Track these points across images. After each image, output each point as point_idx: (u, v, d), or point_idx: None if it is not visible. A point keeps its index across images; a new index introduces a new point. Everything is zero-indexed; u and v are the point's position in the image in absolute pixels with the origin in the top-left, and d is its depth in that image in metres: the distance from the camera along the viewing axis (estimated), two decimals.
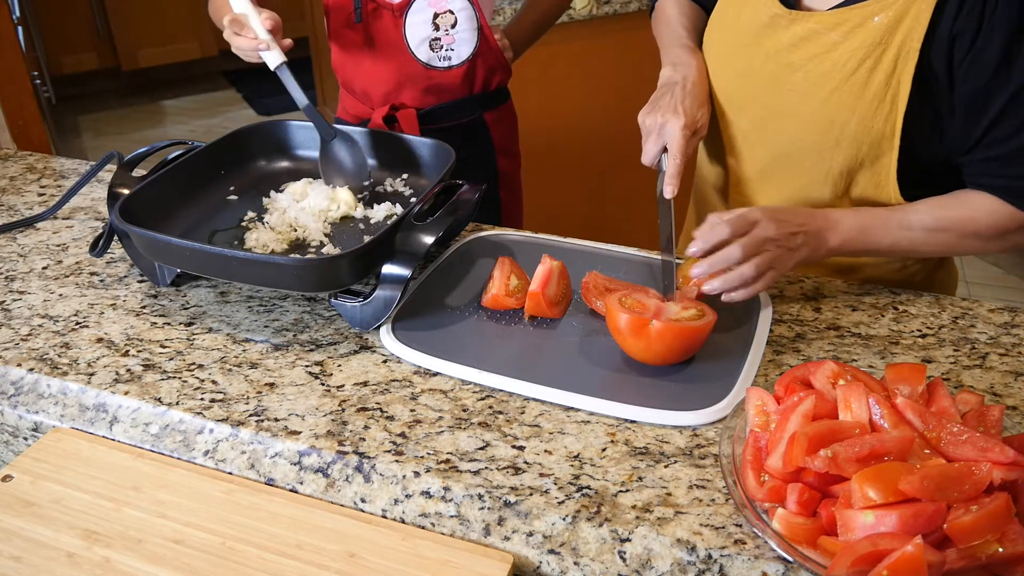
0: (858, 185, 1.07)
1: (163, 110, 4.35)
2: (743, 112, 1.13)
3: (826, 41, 1.02)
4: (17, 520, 0.82)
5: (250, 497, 0.85)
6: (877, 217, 1.03)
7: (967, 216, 1.02)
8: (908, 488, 0.69)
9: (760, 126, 1.12)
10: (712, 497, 0.80)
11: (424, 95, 1.46)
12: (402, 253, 1.02)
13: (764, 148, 1.13)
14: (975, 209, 1.02)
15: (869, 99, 1.00)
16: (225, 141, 1.26)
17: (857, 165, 1.04)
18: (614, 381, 0.95)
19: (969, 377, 0.96)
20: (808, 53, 1.04)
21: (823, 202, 1.10)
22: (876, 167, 1.04)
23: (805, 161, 1.08)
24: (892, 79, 0.99)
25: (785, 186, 1.12)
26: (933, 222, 1.02)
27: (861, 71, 1.00)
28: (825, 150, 1.05)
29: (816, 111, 1.04)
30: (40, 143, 1.86)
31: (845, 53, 1.00)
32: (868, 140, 1.02)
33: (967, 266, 3.04)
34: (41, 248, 1.24)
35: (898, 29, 0.97)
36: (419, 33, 1.41)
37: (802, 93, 1.05)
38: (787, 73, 1.06)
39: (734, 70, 1.13)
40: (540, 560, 0.78)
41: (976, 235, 1.02)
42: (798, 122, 1.06)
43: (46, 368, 0.98)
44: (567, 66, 2.30)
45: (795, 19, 1.05)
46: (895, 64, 0.98)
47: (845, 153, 1.04)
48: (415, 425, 0.89)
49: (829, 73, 1.02)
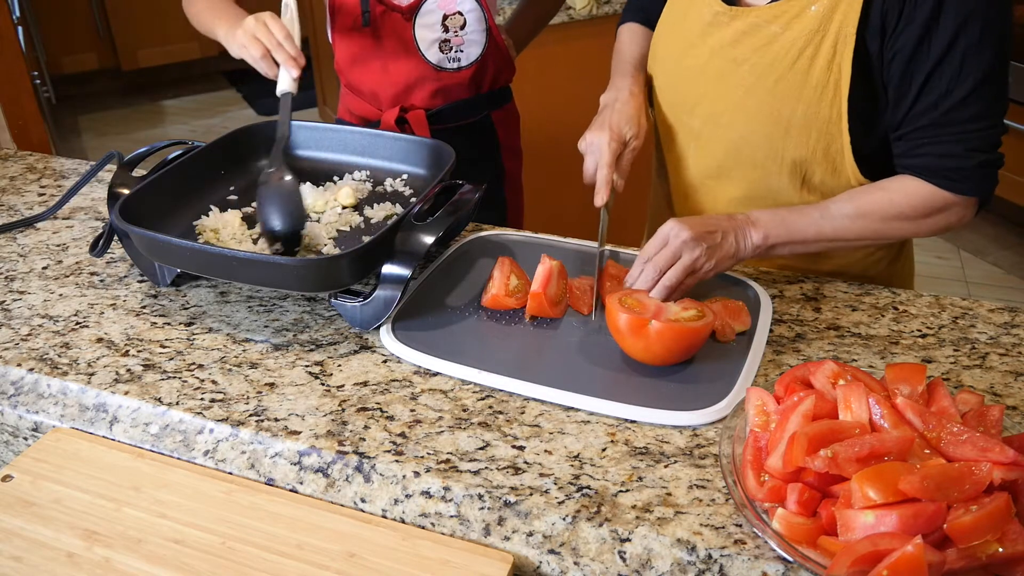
0: (815, 174, 1.09)
1: (163, 110, 4.35)
2: (694, 112, 1.16)
3: (767, 34, 1.05)
4: (17, 520, 0.82)
5: (250, 497, 0.85)
6: (796, 210, 1.06)
7: (886, 199, 1.04)
8: (908, 488, 0.69)
9: (711, 123, 1.14)
10: (712, 497, 0.80)
11: (433, 96, 1.46)
12: (402, 253, 1.02)
13: (718, 144, 1.15)
14: (894, 192, 1.04)
15: (813, 86, 1.03)
16: (225, 141, 1.26)
17: (810, 153, 1.07)
18: (614, 381, 0.95)
19: (969, 377, 0.96)
20: (751, 47, 1.07)
21: (785, 194, 1.12)
22: (830, 153, 1.06)
23: (758, 154, 1.10)
24: (833, 65, 1.01)
25: (743, 180, 1.15)
26: (853, 209, 1.04)
27: (802, 60, 1.03)
28: (776, 139, 1.08)
29: (763, 102, 1.07)
30: (40, 143, 1.86)
31: (786, 44, 1.03)
32: (817, 126, 1.05)
33: (967, 266, 3.04)
34: (41, 248, 1.24)
35: (834, 16, 1.00)
36: (429, 35, 1.42)
37: (748, 86, 1.08)
38: (732, 67, 1.09)
39: (683, 70, 1.16)
40: (540, 560, 0.78)
41: (899, 217, 1.04)
42: (747, 115, 1.09)
43: (46, 368, 0.98)
44: (567, 66, 2.30)
45: (736, 15, 1.08)
46: (834, 50, 1.01)
47: (796, 141, 1.06)
48: (415, 425, 0.89)
49: (772, 65, 1.05)
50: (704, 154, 1.18)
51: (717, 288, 1.10)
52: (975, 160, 1.00)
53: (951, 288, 2.90)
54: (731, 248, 1.02)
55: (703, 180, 1.20)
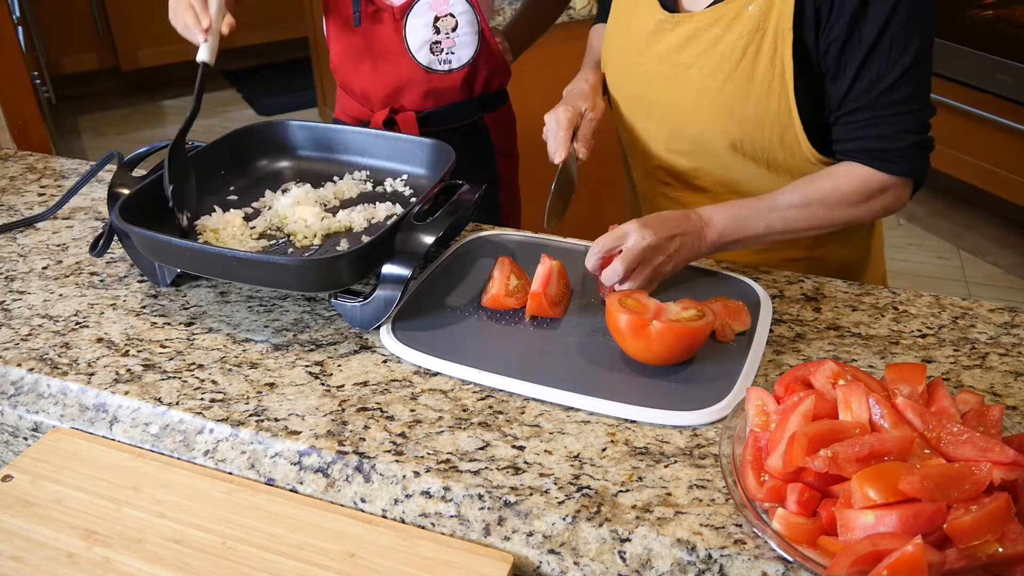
0: (778, 159, 1.13)
1: (163, 110, 4.35)
2: (649, 115, 1.21)
3: (709, 37, 1.09)
4: (17, 520, 0.82)
5: (250, 497, 0.85)
6: (747, 206, 1.08)
7: (830, 186, 1.07)
8: (908, 488, 0.69)
9: (667, 124, 1.19)
10: (712, 497, 0.80)
11: (424, 98, 1.46)
12: (402, 253, 1.02)
13: (677, 143, 1.19)
14: (837, 178, 1.07)
15: (759, 81, 1.07)
16: (225, 141, 1.26)
17: (767, 142, 1.11)
18: (614, 381, 0.95)
19: (969, 377, 0.96)
20: (695, 51, 1.11)
21: (756, 180, 1.16)
22: (785, 140, 1.10)
23: (717, 149, 1.14)
24: (775, 60, 1.06)
25: (708, 175, 1.19)
26: (800, 199, 1.07)
27: (746, 58, 1.07)
28: (732, 134, 1.12)
29: (713, 101, 1.11)
30: (40, 143, 1.86)
31: (728, 45, 1.08)
32: (768, 118, 1.09)
33: (967, 266, 3.04)
34: (41, 248, 1.24)
35: (770, 14, 1.05)
36: (420, 36, 1.41)
37: (697, 88, 1.12)
38: (680, 71, 1.13)
39: (633, 77, 1.21)
40: (540, 560, 0.78)
41: (842, 203, 1.07)
42: (700, 115, 1.13)
43: (46, 368, 0.98)
44: (567, 66, 2.29)
45: (679, 22, 1.12)
46: (775, 46, 1.05)
47: (751, 134, 1.11)
48: (415, 425, 0.89)
49: (718, 66, 1.09)
50: (669, 152, 1.21)
51: (717, 288, 1.10)
52: (907, 141, 1.05)
53: (951, 288, 2.90)
54: (689, 252, 1.05)
55: (669, 179, 1.24)
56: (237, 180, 1.26)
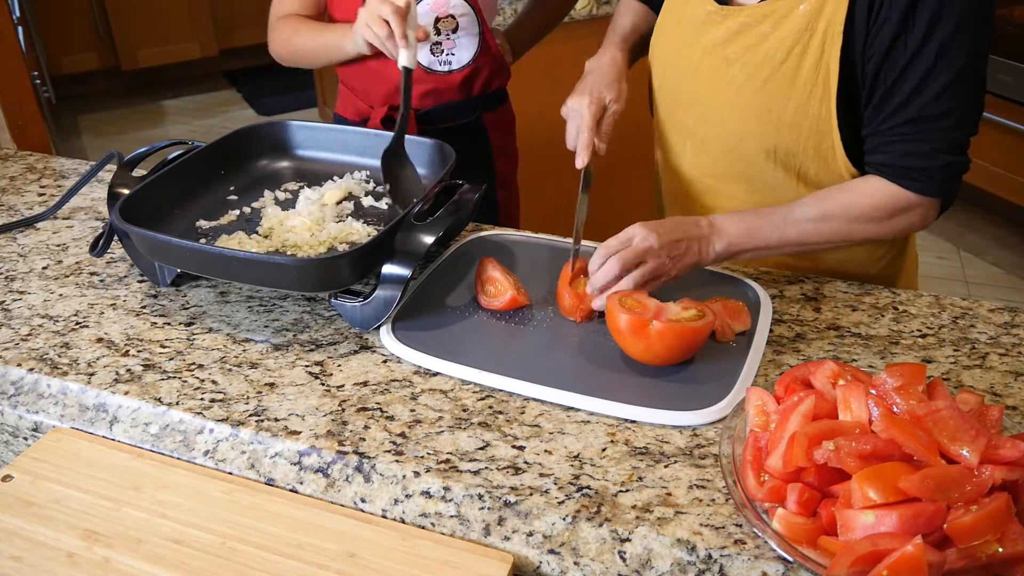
0: (810, 169, 1.09)
1: (163, 110, 4.35)
2: (690, 110, 1.18)
3: (757, 33, 1.06)
4: (17, 520, 0.82)
5: (250, 497, 0.85)
6: (761, 216, 1.05)
7: (849, 201, 1.04)
8: (908, 488, 0.69)
9: (705, 121, 1.16)
10: (712, 497, 0.80)
11: (423, 97, 1.46)
12: (402, 253, 1.02)
13: (712, 143, 1.16)
14: (857, 193, 1.04)
15: (802, 84, 1.04)
16: (225, 141, 1.26)
17: (802, 150, 1.07)
18: (614, 381, 0.95)
19: (969, 377, 0.96)
20: (742, 46, 1.08)
21: (782, 190, 1.12)
22: (821, 149, 1.07)
23: (751, 151, 1.11)
24: (821, 63, 1.02)
25: (739, 178, 1.16)
26: (817, 212, 1.04)
27: (791, 59, 1.04)
28: (768, 137, 1.09)
29: (752, 100, 1.08)
30: (40, 143, 1.86)
31: (775, 43, 1.04)
32: (807, 124, 1.05)
33: (967, 266, 3.04)
34: (41, 248, 1.24)
35: (821, 15, 1.01)
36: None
37: (738, 85, 1.09)
38: (724, 67, 1.10)
39: (678, 69, 1.18)
40: (540, 560, 0.78)
41: (862, 219, 1.04)
42: (738, 114, 1.10)
43: (46, 368, 0.98)
44: (567, 66, 2.29)
45: (728, 14, 1.09)
46: (822, 49, 1.02)
47: (787, 138, 1.07)
48: (415, 425, 0.89)
49: (762, 64, 1.06)
50: (700, 152, 1.19)
51: (717, 288, 1.10)
52: (940, 161, 1.00)
53: (951, 288, 2.90)
54: (693, 258, 1.03)
55: (700, 178, 1.21)
56: (237, 180, 1.26)
